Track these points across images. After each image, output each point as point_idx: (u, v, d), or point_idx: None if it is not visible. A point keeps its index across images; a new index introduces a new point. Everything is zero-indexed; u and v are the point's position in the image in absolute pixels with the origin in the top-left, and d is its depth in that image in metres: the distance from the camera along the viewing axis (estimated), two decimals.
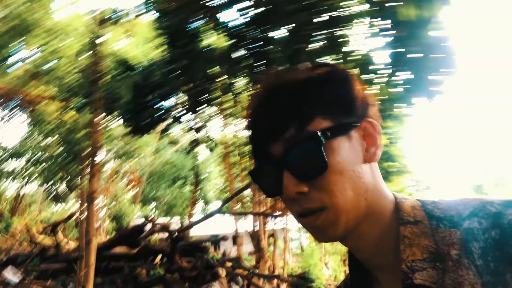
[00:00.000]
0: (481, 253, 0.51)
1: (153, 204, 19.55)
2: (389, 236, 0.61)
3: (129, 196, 18.58)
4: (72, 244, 11.50)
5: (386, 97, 7.95)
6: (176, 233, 6.89)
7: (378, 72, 7.14)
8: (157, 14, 7.65)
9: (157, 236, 10.31)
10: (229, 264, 8.04)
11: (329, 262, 16.23)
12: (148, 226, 7.95)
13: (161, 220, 17.79)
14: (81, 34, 8.71)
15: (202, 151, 11.96)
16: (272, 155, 0.61)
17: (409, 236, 0.58)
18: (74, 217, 11.87)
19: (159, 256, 7.88)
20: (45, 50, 9.06)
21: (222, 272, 6.92)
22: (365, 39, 6.78)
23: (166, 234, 9.29)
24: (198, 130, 10.80)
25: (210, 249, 10.88)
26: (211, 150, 10.86)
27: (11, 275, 6.59)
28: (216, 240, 12.17)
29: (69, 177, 13.46)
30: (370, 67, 7.23)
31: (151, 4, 7.27)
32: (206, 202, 19.25)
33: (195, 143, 11.24)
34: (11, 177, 15.21)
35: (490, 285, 0.49)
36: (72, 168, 12.67)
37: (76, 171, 13.11)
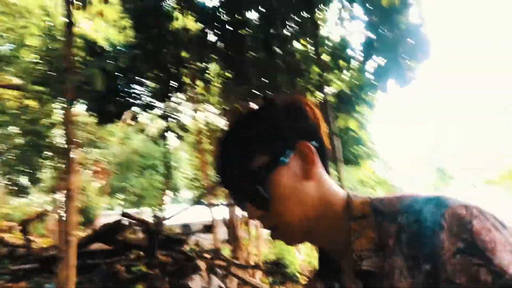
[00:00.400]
0: (407, 243, 0.62)
1: (121, 195, 19.06)
2: (343, 230, 0.72)
3: (96, 188, 17.99)
4: (41, 242, 10.97)
5: (359, 82, 7.99)
6: (154, 227, 6.69)
7: (352, 57, 7.13)
8: None
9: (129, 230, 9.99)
10: (207, 255, 7.89)
11: (302, 248, 16.43)
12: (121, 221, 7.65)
13: (130, 211, 17.32)
14: (42, 16, 8.17)
15: (172, 139, 11.67)
16: (234, 189, 0.77)
17: (358, 229, 0.69)
18: (46, 214, 11.36)
19: (136, 252, 7.62)
20: (6, 33, 8.44)
21: (202, 264, 6.79)
22: (339, 24, 6.73)
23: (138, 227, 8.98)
24: (168, 117, 10.49)
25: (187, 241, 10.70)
26: (182, 138, 10.58)
27: None
28: (194, 232, 11.96)
29: (32, 170, 12.80)
30: (344, 52, 7.22)
31: None
32: (176, 192, 18.95)
33: (165, 131, 10.92)
34: None
35: (411, 269, 0.60)
36: (35, 161, 12.06)
37: (40, 164, 12.51)
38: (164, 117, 10.33)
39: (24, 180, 14.33)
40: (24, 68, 8.61)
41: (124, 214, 6.85)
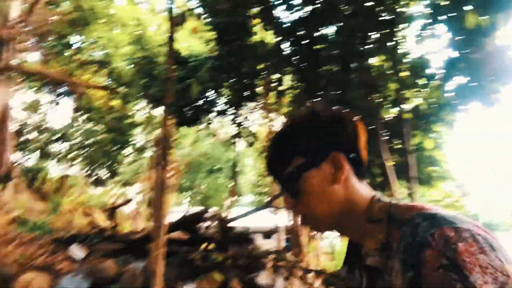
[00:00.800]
0: (402, 250, 0.70)
1: (188, 193, 19.90)
2: (361, 228, 0.82)
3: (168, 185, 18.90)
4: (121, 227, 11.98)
5: (438, 101, 7.73)
6: (229, 223, 7.43)
7: (432, 75, 6.94)
8: (208, 9, 7.72)
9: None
10: (272, 256, 8.27)
11: None
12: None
13: (195, 209, 17.94)
14: (134, 27, 8.93)
15: (240, 145, 12.06)
16: (275, 179, 0.94)
17: (371, 231, 0.80)
18: (128, 203, 12.59)
19: (206, 244, 8.24)
20: (103, 41, 9.36)
21: (268, 263, 7.28)
22: (420, 42, 6.60)
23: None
24: (239, 124, 10.89)
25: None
26: (251, 144, 10.90)
27: (77, 252, 7.07)
28: (256, 232, 12.28)
29: (112, 164, 13.92)
30: (423, 70, 7.04)
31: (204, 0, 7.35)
32: (241, 195, 19.44)
33: (235, 136, 11.33)
34: (55, 159, 15.83)
35: (403, 271, 0.69)
36: (116, 156, 13.10)
37: (120, 158, 13.55)
38: (235, 123, 10.75)
39: (103, 173, 15.60)
40: (116, 73, 9.45)
41: (205, 210, 7.75)
